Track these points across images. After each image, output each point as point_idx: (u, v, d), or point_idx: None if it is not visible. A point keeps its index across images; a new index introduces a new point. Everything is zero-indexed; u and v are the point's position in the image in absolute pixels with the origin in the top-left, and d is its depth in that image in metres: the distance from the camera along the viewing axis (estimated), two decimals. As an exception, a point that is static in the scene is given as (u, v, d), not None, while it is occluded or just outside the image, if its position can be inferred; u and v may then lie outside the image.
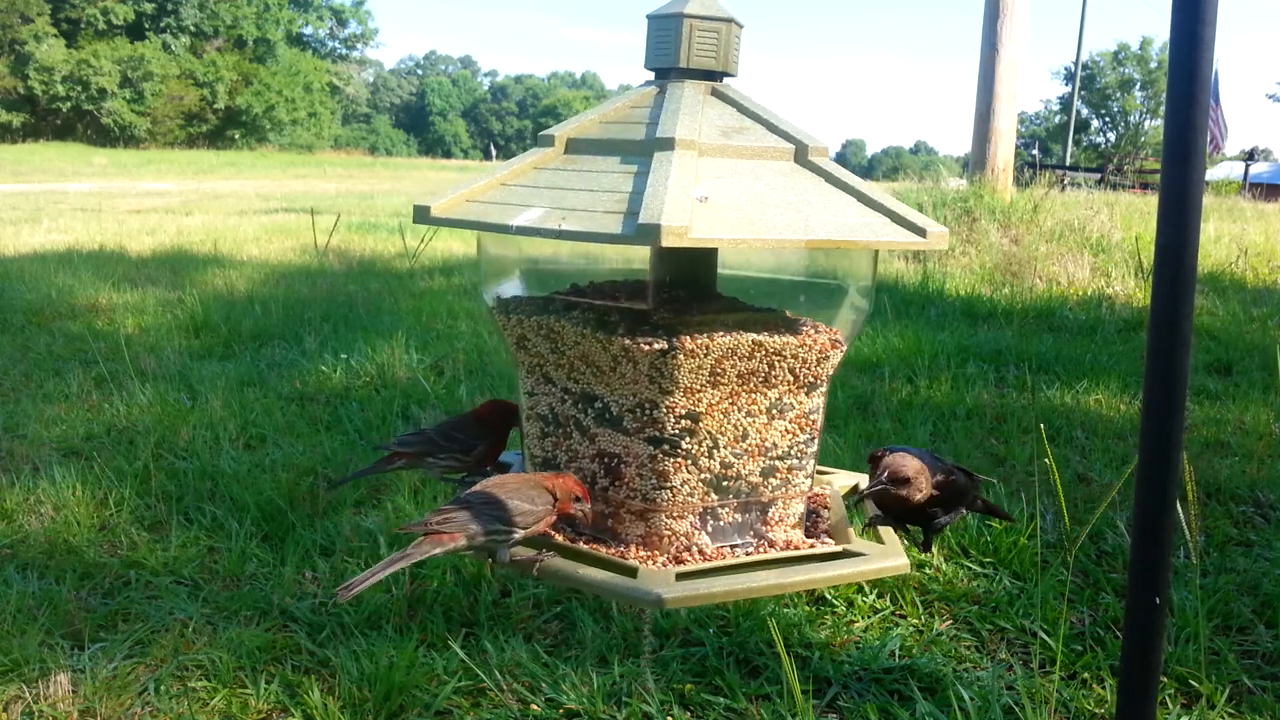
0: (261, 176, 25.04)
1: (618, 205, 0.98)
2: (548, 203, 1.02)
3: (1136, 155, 31.55)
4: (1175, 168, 0.89)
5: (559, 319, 1.13)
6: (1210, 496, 2.80)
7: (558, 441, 1.20)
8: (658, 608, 1.02)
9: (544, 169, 1.10)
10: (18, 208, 12.10)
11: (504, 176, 1.09)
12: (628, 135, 1.09)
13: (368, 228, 10.13)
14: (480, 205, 1.05)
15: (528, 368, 1.21)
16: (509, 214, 1.02)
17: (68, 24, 42.52)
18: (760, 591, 1.10)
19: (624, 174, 1.04)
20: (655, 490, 1.13)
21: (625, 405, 1.12)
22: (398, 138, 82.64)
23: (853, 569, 1.16)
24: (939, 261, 7.09)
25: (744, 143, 1.10)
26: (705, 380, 1.10)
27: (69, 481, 2.73)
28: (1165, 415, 0.93)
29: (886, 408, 3.59)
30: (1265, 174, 25.72)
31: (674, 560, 1.14)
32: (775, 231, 1.00)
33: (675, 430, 1.11)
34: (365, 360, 4.12)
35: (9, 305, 5.28)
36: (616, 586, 1.05)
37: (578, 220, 0.97)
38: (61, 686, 1.84)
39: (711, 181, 1.02)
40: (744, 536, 1.20)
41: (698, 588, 1.05)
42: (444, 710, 1.82)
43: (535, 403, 1.21)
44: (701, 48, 1.13)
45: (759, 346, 1.11)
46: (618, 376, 1.11)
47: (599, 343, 1.10)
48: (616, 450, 1.15)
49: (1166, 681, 1.90)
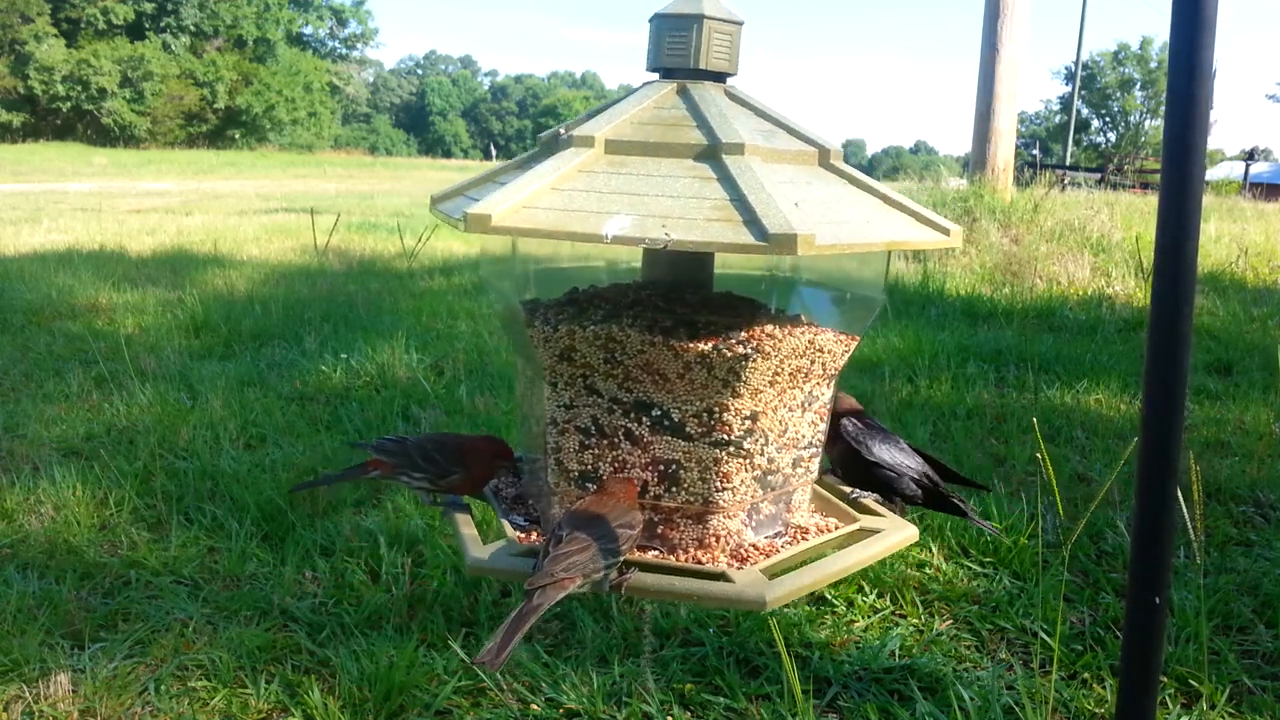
0: (261, 176, 25.04)
1: (721, 213, 0.95)
2: (628, 208, 0.97)
3: (1136, 155, 31.58)
4: (1175, 167, 0.89)
5: (623, 328, 1.09)
6: (1210, 496, 2.80)
7: (601, 454, 1.16)
8: (761, 610, 1.02)
9: (593, 172, 1.06)
10: (18, 208, 12.10)
11: (553, 181, 1.03)
12: (677, 138, 1.06)
13: (368, 228, 10.14)
14: (546, 212, 0.99)
15: (566, 380, 1.15)
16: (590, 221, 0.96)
17: (68, 24, 42.53)
18: (843, 574, 1.12)
19: (699, 179, 1.01)
20: (718, 492, 1.12)
21: (689, 411, 1.11)
22: (398, 137, 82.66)
23: (891, 540, 1.19)
24: (939, 261, 7.09)
25: (781, 146, 1.09)
26: (768, 380, 1.11)
27: (69, 481, 2.73)
28: (1165, 415, 0.93)
29: (887, 407, 3.59)
30: (1265, 174, 25.74)
31: (734, 558, 1.14)
32: (861, 235, 0.99)
33: (740, 431, 1.11)
34: (365, 360, 4.12)
35: (9, 305, 5.28)
36: (720, 593, 1.04)
37: (683, 228, 0.93)
38: (62, 686, 1.84)
39: (784, 186, 1.01)
40: (775, 527, 1.21)
41: (792, 582, 1.05)
42: (444, 710, 1.82)
43: (574, 415, 1.16)
44: (718, 49, 1.13)
45: (811, 344, 1.13)
46: (685, 383, 1.09)
47: (669, 350, 1.07)
48: (675, 457, 1.13)
49: (1166, 681, 1.90)
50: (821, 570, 1.09)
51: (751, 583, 1.05)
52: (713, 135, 1.04)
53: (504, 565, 1.10)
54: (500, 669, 1.14)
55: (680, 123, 1.09)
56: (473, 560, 1.09)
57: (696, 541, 1.15)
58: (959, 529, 2.49)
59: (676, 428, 1.12)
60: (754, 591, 1.02)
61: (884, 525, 1.22)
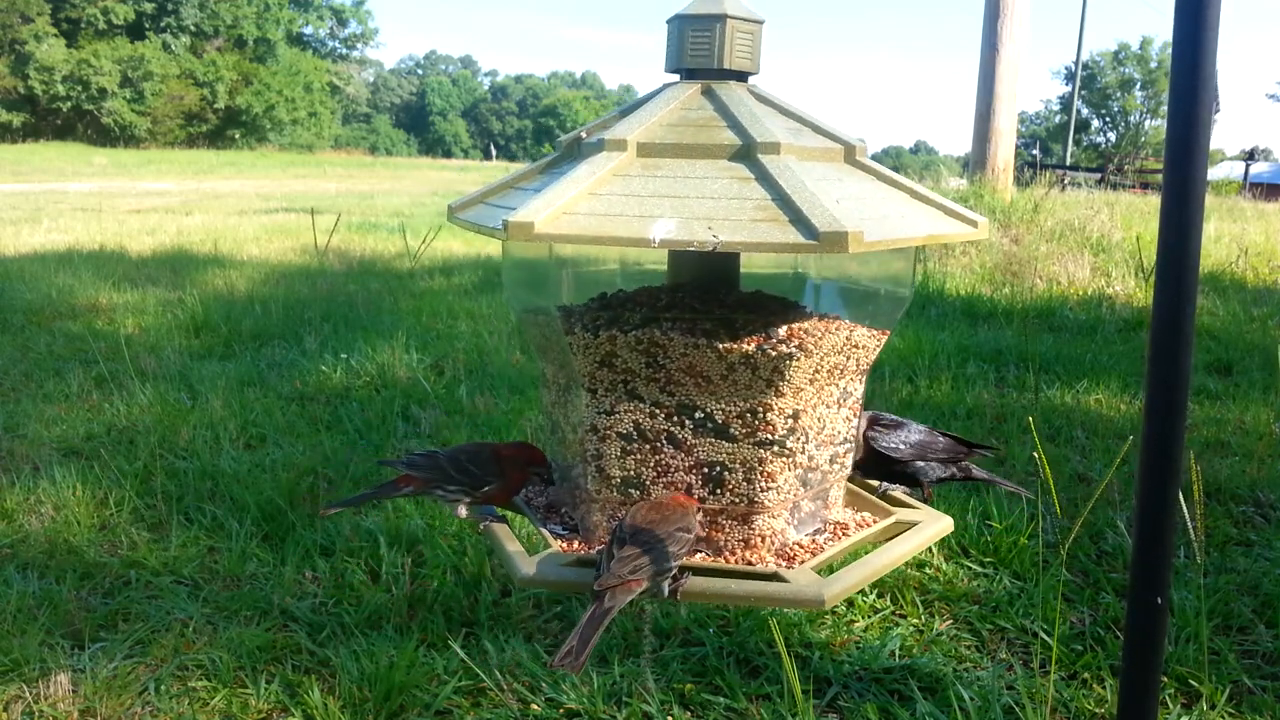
0: (261, 176, 25.04)
1: (766, 213, 0.95)
2: (671, 211, 0.97)
3: (1137, 155, 31.60)
4: (1177, 167, 0.89)
5: (664, 332, 1.09)
6: (1210, 496, 2.80)
7: (643, 459, 1.15)
8: (820, 609, 1.02)
9: (628, 176, 1.05)
10: (18, 208, 12.10)
11: (589, 185, 1.02)
12: (710, 139, 1.06)
13: (368, 228, 10.14)
14: (588, 218, 0.98)
15: (607, 385, 1.14)
16: (634, 226, 0.96)
17: (68, 24, 42.52)
18: (886, 569, 1.12)
19: (738, 179, 1.00)
20: (762, 492, 1.12)
21: (733, 412, 1.10)
22: (398, 137, 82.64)
23: (932, 530, 1.19)
24: (939, 261, 7.09)
25: (810, 144, 1.08)
26: (808, 378, 1.11)
27: (69, 481, 2.73)
28: (1166, 415, 0.92)
29: (887, 407, 3.59)
30: (1265, 174, 25.74)
31: (780, 557, 1.14)
32: (899, 230, 0.99)
33: (783, 431, 1.11)
34: (365, 360, 4.12)
35: (9, 305, 5.28)
36: (778, 594, 1.04)
37: (730, 229, 0.93)
38: (62, 686, 1.84)
39: (822, 184, 1.00)
40: (815, 524, 1.21)
41: (845, 579, 1.05)
42: (444, 710, 1.82)
43: (615, 422, 1.15)
44: (740, 48, 1.13)
45: (848, 340, 1.13)
46: (728, 384, 1.09)
47: (713, 351, 1.07)
48: (720, 459, 1.12)
49: (1166, 681, 1.90)
50: (872, 565, 1.10)
51: (809, 582, 1.05)
52: (746, 135, 1.04)
53: (556, 576, 1.08)
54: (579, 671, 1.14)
55: (710, 123, 1.08)
56: (523, 576, 1.07)
57: (742, 542, 1.15)
58: (959, 529, 2.49)
59: (720, 429, 1.11)
60: (812, 591, 1.02)
61: (920, 517, 1.22)
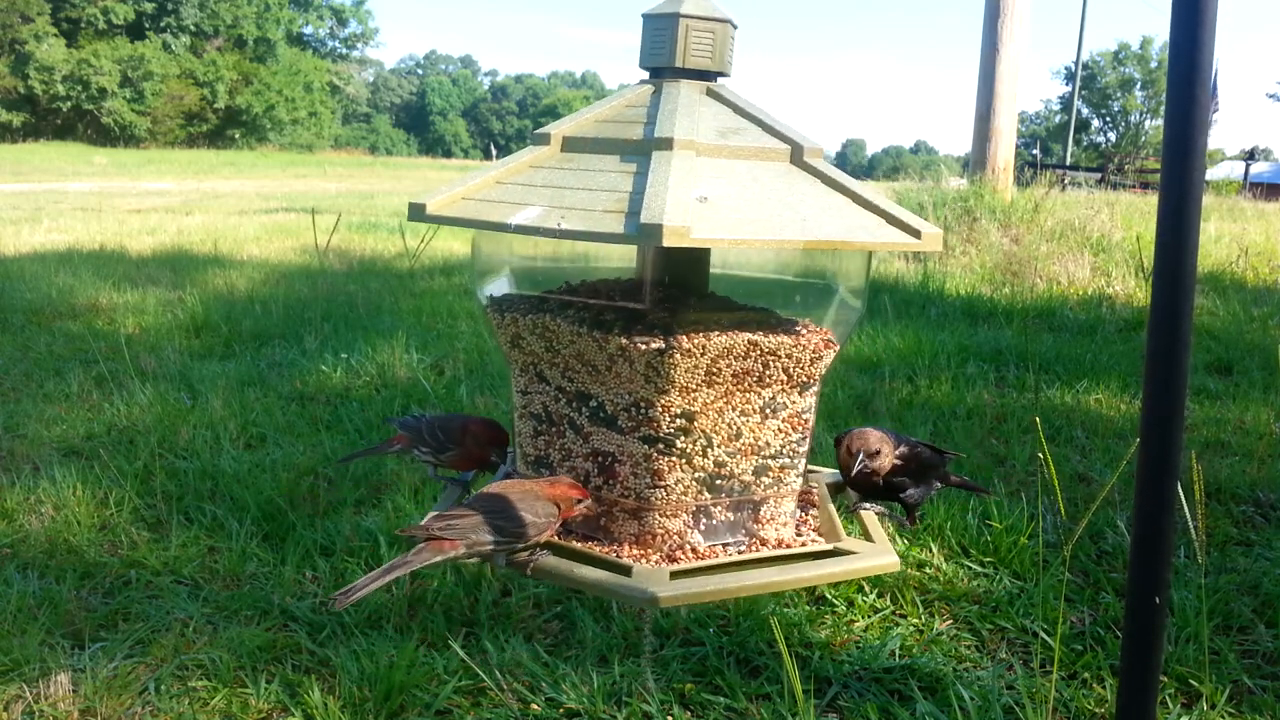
0: (262, 176, 25.04)
1: (617, 205, 0.98)
2: (546, 201, 1.02)
3: (1137, 155, 31.60)
4: (1175, 167, 0.89)
5: (554, 318, 1.13)
6: (1210, 496, 2.80)
7: (550, 440, 1.20)
8: (653, 606, 1.02)
9: (541, 167, 1.10)
10: (18, 207, 12.09)
11: (500, 174, 1.09)
12: (625, 134, 1.09)
13: (368, 227, 10.14)
14: (477, 203, 1.05)
15: (521, 366, 1.21)
16: (507, 212, 1.02)
17: (68, 23, 42.53)
18: (751, 590, 1.11)
19: (622, 173, 1.03)
20: (649, 489, 1.13)
21: (620, 404, 1.12)
22: (398, 137, 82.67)
23: (844, 567, 1.16)
24: (939, 261, 7.09)
25: (741, 143, 1.09)
26: (701, 379, 1.10)
27: (69, 481, 2.73)
28: (1165, 415, 0.93)
29: (887, 407, 3.59)
30: (1265, 174, 25.75)
31: (667, 559, 1.14)
32: (774, 232, 1.00)
33: (670, 429, 1.11)
34: (365, 360, 4.12)
35: (9, 305, 5.28)
36: (613, 585, 1.05)
37: (577, 219, 0.97)
38: (62, 686, 1.84)
39: (710, 182, 1.02)
40: (736, 535, 1.20)
41: (691, 586, 1.05)
42: (444, 710, 1.82)
43: (528, 401, 1.21)
44: (697, 48, 1.13)
45: (754, 346, 1.12)
46: (613, 376, 1.11)
47: (595, 341, 1.10)
48: (611, 449, 1.15)
49: (1166, 681, 1.90)
50: (722, 583, 1.07)
51: (652, 580, 1.05)
52: (650, 132, 1.06)
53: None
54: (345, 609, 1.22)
55: (634, 120, 1.11)
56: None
57: (634, 537, 1.16)
58: (959, 529, 2.49)
59: (610, 420, 1.14)
60: (648, 588, 1.02)
61: (861, 549, 1.18)
